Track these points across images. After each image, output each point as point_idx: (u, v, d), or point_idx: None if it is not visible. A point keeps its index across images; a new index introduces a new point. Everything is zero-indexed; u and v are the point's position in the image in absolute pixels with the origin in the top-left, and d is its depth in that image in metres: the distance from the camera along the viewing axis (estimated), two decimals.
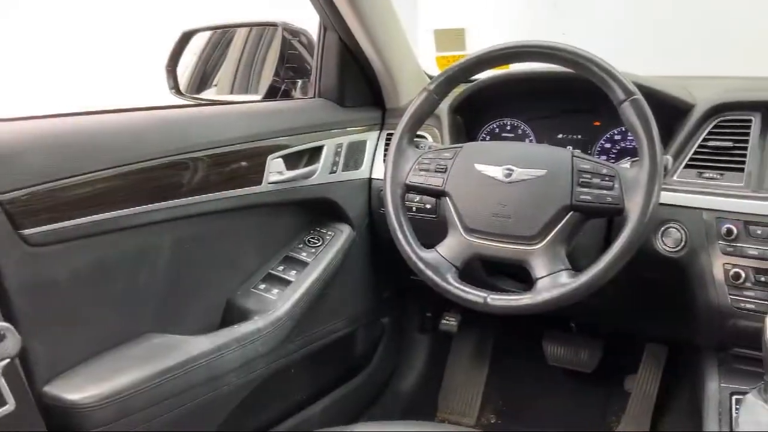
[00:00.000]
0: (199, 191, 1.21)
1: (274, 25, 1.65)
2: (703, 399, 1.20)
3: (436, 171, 1.22)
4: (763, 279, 1.17)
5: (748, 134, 1.22)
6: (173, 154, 1.16)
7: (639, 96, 1.07)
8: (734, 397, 1.15)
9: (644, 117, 1.07)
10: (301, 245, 1.49)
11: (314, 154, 1.46)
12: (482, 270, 1.47)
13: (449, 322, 1.91)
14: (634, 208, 1.06)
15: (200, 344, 1.18)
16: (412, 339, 2.02)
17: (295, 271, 1.43)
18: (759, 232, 1.16)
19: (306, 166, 1.44)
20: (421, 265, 1.20)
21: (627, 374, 1.89)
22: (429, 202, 1.47)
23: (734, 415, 1.11)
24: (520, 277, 1.34)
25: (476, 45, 1.22)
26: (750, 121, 1.23)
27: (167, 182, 1.16)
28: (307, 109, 1.54)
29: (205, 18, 1.81)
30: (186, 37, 1.72)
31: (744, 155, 1.22)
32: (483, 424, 1.98)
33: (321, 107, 1.55)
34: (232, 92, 1.92)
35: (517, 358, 2.06)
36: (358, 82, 1.59)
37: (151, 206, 1.13)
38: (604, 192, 1.09)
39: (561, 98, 1.51)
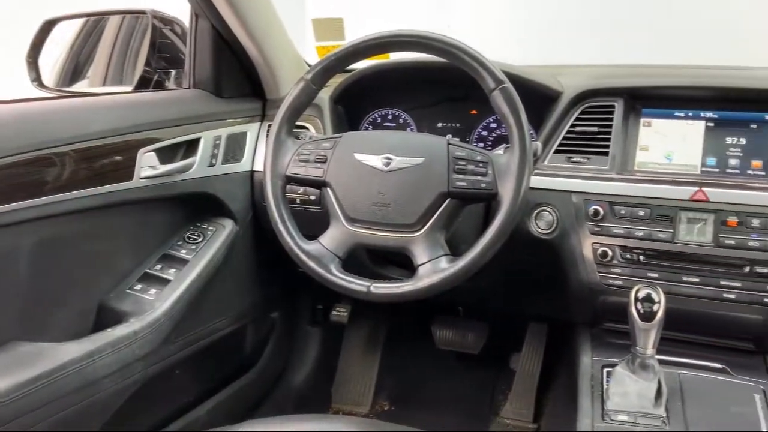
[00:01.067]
0: (63, 188, 1.13)
1: (142, 12, 1.57)
2: (577, 373, 1.25)
3: (316, 161, 1.21)
4: (628, 256, 1.24)
5: (611, 119, 1.29)
6: (33, 149, 1.08)
7: (508, 84, 1.10)
8: (605, 370, 1.21)
9: (513, 105, 1.10)
10: (181, 242, 1.44)
11: (191, 147, 1.40)
12: (368, 259, 1.48)
13: (340, 313, 1.91)
14: (506, 194, 1.09)
15: (70, 350, 1.12)
16: (303, 332, 2.00)
17: (174, 270, 1.38)
18: (623, 211, 1.23)
19: (182, 159, 1.39)
20: (303, 257, 1.18)
21: (512, 353, 1.97)
22: (313, 193, 1.45)
23: (605, 386, 1.17)
24: (405, 264, 1.36)
25: (357, 35, 1.21)
26: (613, 106, 1.30)
27: (27, 180, 1.08)
28: (181, 100, 1.48)
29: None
30: (48, 27, 1.61)
31: (608, 139, 1.29)
32: (377, 412, 2.00)
33: (196, 98, 1.50)
34: (104, 84, 1.82)
35: (408, 345, 2.09)
36: (235, 72, 1.55)
37: (9, 206, 1.05)
38: (479, 178, 1.12)
39: (440, 87, 1.54)
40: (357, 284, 1.15)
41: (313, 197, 1.46)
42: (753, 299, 1.19)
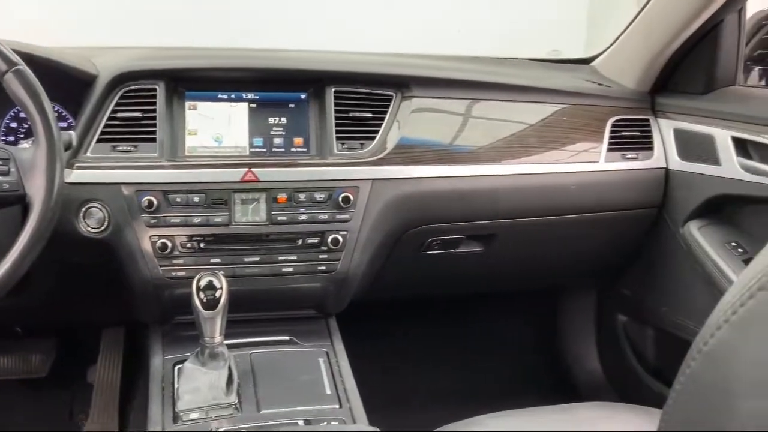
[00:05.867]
0: None
1: None
2: (149, 376, 1.17)
3: None
4: (189, 245, 1.20)
5: (155, 103, 1.22)
6: None
7: (23, 66, 0.96)
8: (177, 368, 1.16)
9: (32, 90, 0.96)
10: None
11: None
12: None
13: None
14: (37, 193, 0.96)
15: None
16: None
17: None
18: (178, 199, 1.18)
19: None
20: None
21: (89, 366, 1.79)
22: None
23: (176, 386, 1.11)
24: None
25: None
26: (155, 90, 1.22)
27: None
28: None
29: None
30: None
31: (154, 125, 1.21)
32: None
33: None
34: None
35: None
36: None
37: None
38: None
39: None
40: None
41: None
42: (309, 269, 1.26)
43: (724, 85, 1.47)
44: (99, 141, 1.19)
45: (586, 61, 1.70)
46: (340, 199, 1.23)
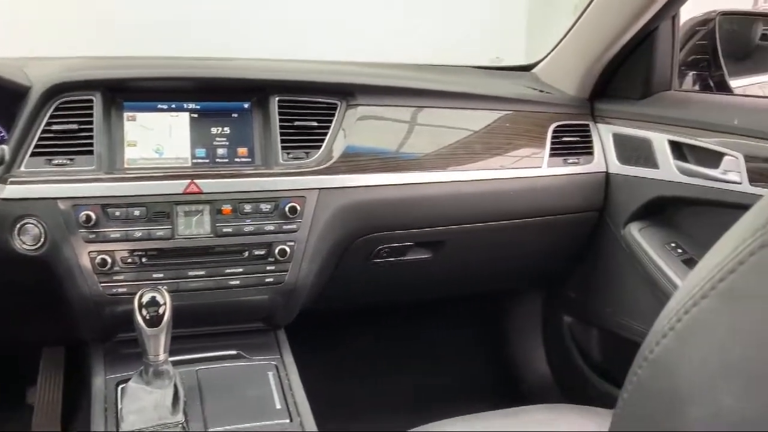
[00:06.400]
0: None
1: None
2: (91, 397, 1.13)
3: None
4: (130, 260, 1.16)
5: (91, 115, 1.18)
6: None
7: None
8: (120, 387, 1.12)
9: None
10: None
11: None
12: None
13: None
14: None
15: None
16: None
17: None
18: (118, 213, 1.15)
19: None
20: None
21: (29, 386, 1.72)
22: None
23: (120, 406, 1.07)
24: None
25: None
26: (91, 101, 1.18)
27: None
28: None
29: None
30: None
31: (91, 137, 1.17)
32: None
33: None
34: None
35: None
36: None
37: None
38: None
39: None
40: None
41: None
42: (257, 281, 1.24)
43: (660, 90, 1.51)
44: (33, 155, 1.15)
45: (527, 68, 1.73)
46: (286, 209, 1.22)
